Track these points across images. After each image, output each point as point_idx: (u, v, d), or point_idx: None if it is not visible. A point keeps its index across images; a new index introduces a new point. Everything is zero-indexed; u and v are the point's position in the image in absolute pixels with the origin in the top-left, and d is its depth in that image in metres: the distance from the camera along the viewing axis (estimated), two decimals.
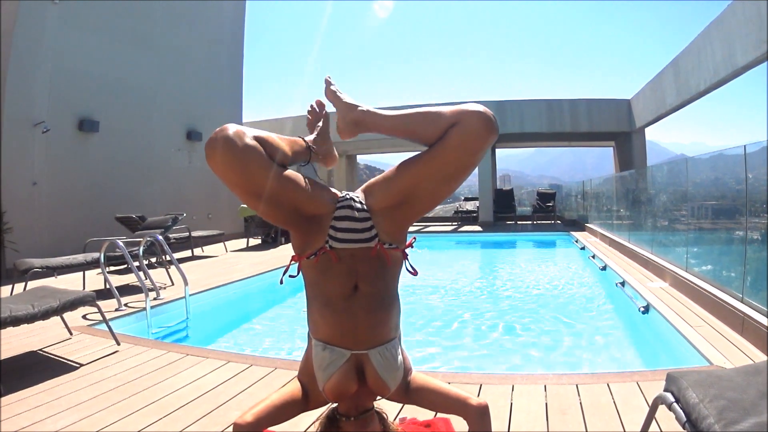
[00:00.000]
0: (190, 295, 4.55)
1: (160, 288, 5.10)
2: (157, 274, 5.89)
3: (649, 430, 1.62)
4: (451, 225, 14.75)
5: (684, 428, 1.29)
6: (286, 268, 1.25)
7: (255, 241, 10.54)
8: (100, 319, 3.44)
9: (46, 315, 2.87)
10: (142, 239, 5.28)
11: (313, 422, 1.39)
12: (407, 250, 1.28)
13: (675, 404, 1.37)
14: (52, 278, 5.82)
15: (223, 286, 5.60)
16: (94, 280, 5.64)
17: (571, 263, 8.27)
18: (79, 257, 5.31)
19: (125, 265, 6.36)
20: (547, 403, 2.26)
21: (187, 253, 8.38)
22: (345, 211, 1.19)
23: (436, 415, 1.95)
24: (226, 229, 10.56)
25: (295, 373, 1.39)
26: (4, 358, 3.08)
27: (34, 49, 7.43)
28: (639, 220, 7.47)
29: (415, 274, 1.27)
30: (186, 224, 8.48)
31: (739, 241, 4.14)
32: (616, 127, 13.81)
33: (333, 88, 1.37)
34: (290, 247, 1.27)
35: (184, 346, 3.47)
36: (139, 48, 9.50)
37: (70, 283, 5.25)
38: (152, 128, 9.90)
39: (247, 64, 12.95)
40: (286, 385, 1.35)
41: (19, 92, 7.20)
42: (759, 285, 3.43)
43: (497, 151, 18.49)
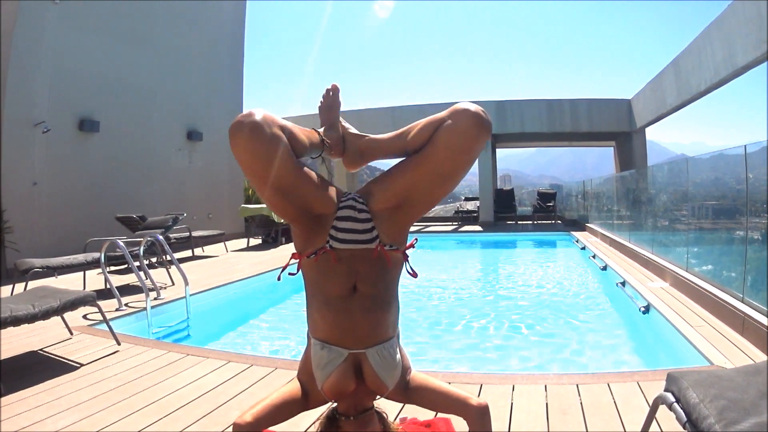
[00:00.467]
0: (191, 295, 4.55)
1: (161, 288, 5.10)
2: (158, 274, 5.90)
3: (650, 430, 1.62)
4: (452, 225, 14.75)
5: (684, 428, 1.29)
6: (285, 265, 1.24)
7: (255, 241, 10.54)
8: (101, 319, 3.44)
9: (46, 315, 2.87)
10: (142, 239, 5.29)
11: (313, 422, 1.39)
12: (408, 252, 1.27)
13: (675, 404, 1.37)
14: (53, 278, 5.83)
15: (223, 286, 5.60)
16: (95, 280, 5.64)
17: (572, 263, 8.27)
18: (80, 257, 5.31)
19: (126, 265, 6.36)
20: (547, 403, 2.26)
21: (188, 253, 8.38)
22: (347, 211, 1.19)
23: (437, 415, 1.95)
24: (227, 229, 10.55)
25: (295, 373, 1.39)
26: (5, 357, 3.08)
27: (34, 49, 7.43)
28: (639, 220, 7.47)
29: (415, 276, 1.27)
30: (186, 224, 8.48)
31: (740, 241, 4.13)
32: (617, 127, 13.81)
33: (342, 121, 1.39)
34: (290, 247, 1.26)
35: (185, 346, 3.47)
36: (140, 48, 9.50)
37: (70, 283, 5.24)
38: (152, 128, 9.90)
39: (248, 64, 12.95)
40: (286, 385, 1.35)
41: (19, 92, 7.20)
42: (759, 285, 3.43)
43: (498, 151, 18.49)
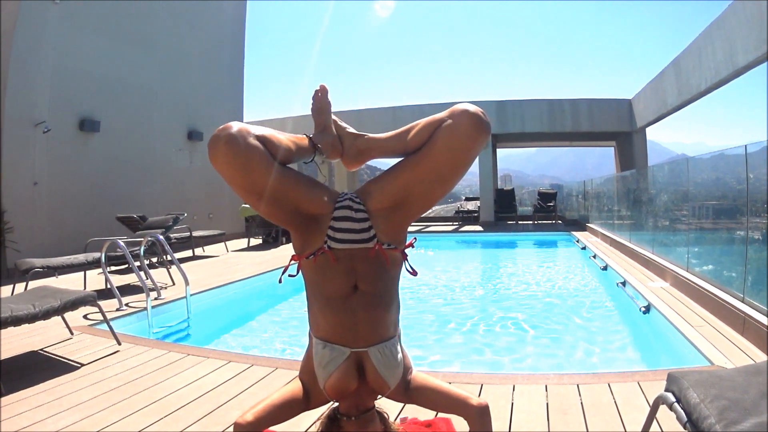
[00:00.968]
0: (191, 295, 4.55)
1: (161, 288, 5.10)
2: (158, 274, 5.90)
3: (650, 430, 1.62)
4: (452, 225, 14.74)
5: (685, 428, 1.29)
6: (286, 267, 1.25)
7: (256, 241, 10.55)
8: (101, 318, 3.44)
9: (47, 315, 2.87)
10: (143, 239, 5.29)
11: (314, 422, 1.39)
12: (407, 251, 1.27)
13: (676, 404, 1.37)
14: (53, 278, 5.83)
15: (224, 286, 5.60)
16: (95, 280, 5.64)
17: (572, 263, 8.27)
18: (80, 257, 5.31)
19: (126, 265, 6.37)
20: (548, 403, 2.26)
21: (188, 253, 8.39)
22: (344, 211, 1.19)
23: (437, 414, 1.95)
24: (227, 229, 10.56)
25: (296, 373, 1.39)
26: (5, 357, 3.08)
27: (34, 49, 7.44)
28: (640, 220, 7.46)
29: (415, 274, 1.27)
30: (187, 224, 8.49)
31: (740, 241, 4.13)
32: (617, 127, 13.81)
33: (335, 118, 1.38)
34: (291, 247, 1.27)
35: (185, 346, 3.47)
36: (140, 48, 9.51)
37: (71, 283, 5.25)
38: (153, 128, 9.91)
39: (248, 64, 12.95)
40: (287, 385, 1.35)
41: (19, 92, 7.21)
42: (760, 285, 3.42)
43: (498, 150, 18.49)
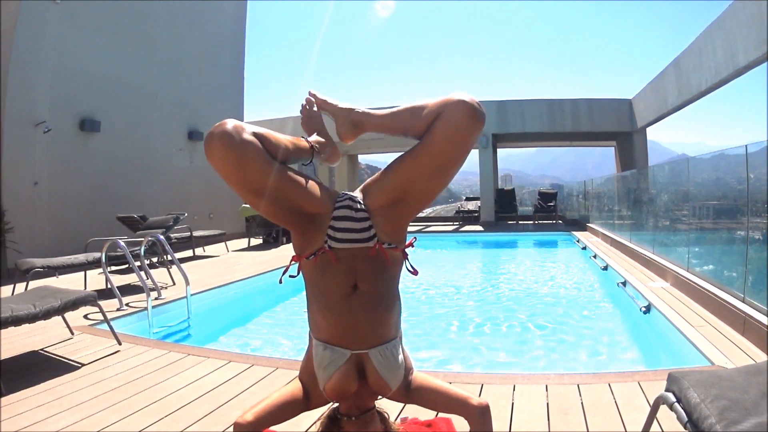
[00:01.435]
0: (192, 295, 4.55)
1: (162, 288, 5.10)
2: (159, 274, 5.90)
3: (651, 430, 1.62)
4: (453, 225, 14.74)
5: (685, 428, 1.29)
6: (286, 267, 1.25)
7: (256, 241, 10.55)
8: (102, 318, 3.44)
9: (47, 315, 2.87)
10: (143, 239, 5.29)
11: (314, 422, 1.39)
12: (407, 250, 1.27)
13: (676, 404, 1.37)
14: (54, 278, 5.83)
15: (224, 285, 5.61)
16: (96, 280, 5.64)
17: (573, 263, 8.26)
18: (81, 257, 5.31)
19: (126, 265, 6.37)
20: (548, 403, 2.26)
21: (189, 253, 8.39)
22: (344, 211, 1.19)
23: (437, 414, 1.95)
24: (228, 229, 10.56)
25: (297, 372, 1.39)
26: (6, 357, 3.08)
27: (35, 49, 7.44)
28: (640, 220, 7.46)
29: (416, 274, 1.27)
30: (187, 224, 8.49)
31: (741, 240, 4.13)
32: (618, 127, 13.80)
33: (321, 98, 1.37)
34: (291, 247, 1.27)
35: (186, 346, 3.48)
36: (141, 48, 9.51)
37: (71, 283, 5.25)
38: (153, 128, 9.91)
39: (249, 64, 12.95)
40: (287, 385, 1.35)
41: (20, 92, 7.21)
42: (760, 285, 3.42)
43: (499, 150, 18.48)
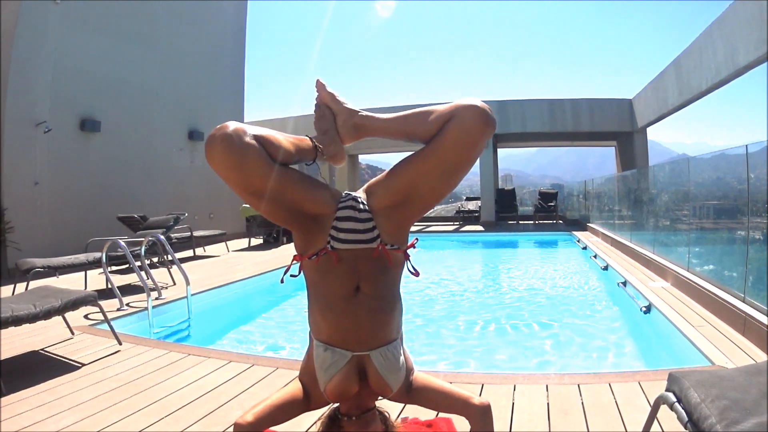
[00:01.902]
0: (192, 295, 4.56)
1: (162, 288, 5.10)
2: (159, 274, 5.90)
3: (651, 430, 1.62)
4: (453, 225, 14.75)
5: (686, 428, 1.29)
6: (288, 267, 1.24)
7: (257, 241, 10.55)
8: (102, 318, 3.44)
9: (47, 315, 2.88)
10: (143, 239, 5.29)
11: (315, 422, 1.39)
12: (409, 251, 1.27)
13: (677, 404, 1.37)
14: (54, 278, 5.84)
15: (224, 285, 5.61)
16: (96, 280, 5.65)
17: (573, 263, 8.26)
18: (81, 257, 5.32)
19: (127, 265, 6.38)
20: (548, 403, 2.26)
21: (189, 253, 8.39)
22: (347, 211, 1.19)
23: (438, 414, 1.95)
24: (228, 229, 10.56)
25: (297, 373, 1.39)
26: (6, 357, 3.09)
27: (35, 49, 7.45)
28: (641, 220, 7.46)
29: (417, 275, 1.26)
30: (188, 224, 8.49)
31: (741, 240, 4.13)
32: (618, 127, 13.80)
33: (330, 90, 1.32)
34: (292, 247, 1.26)
35: (186, 346, 3.48)
36: (141, 48, 9.52)
37: (71, 283, 5.25)
38: (154, 128, 9.92)
39: (249, 64, 12.97)
40: (287, 386, 1.34)
41: (20, 92, 7.22)
42: (761, 285, 3.42)
43: (499, 150, 18.47)
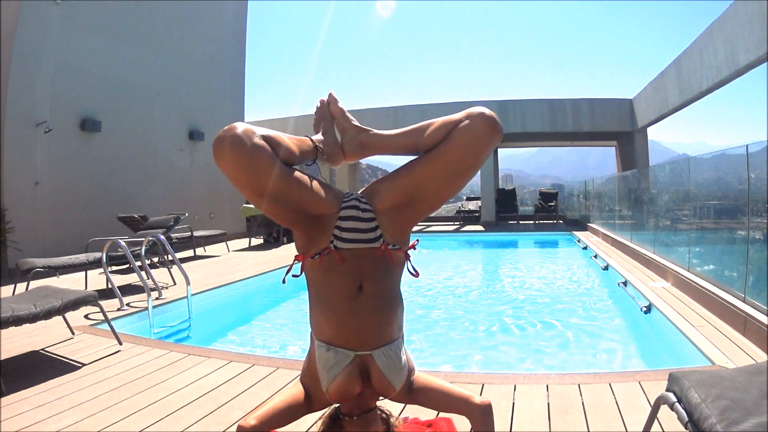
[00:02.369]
0: (192, 295, 4.56)
1: (162, 288, 5.11)
2: (159, 274, 5.91)
3: (651, 430, 1.62)
4: (454, 225, 14.74)
5: (686, 428, 1.29)
6: (289, 267, 1.24)
7: (257, 241, 10.55)
8: (103, 318, 3.44)
9: (48, 314, 2.88)
10: (144, 239, 5.30)
11: (315, 421, 1.39)
12: (409, 252, 1.27)
13: (677, 404, 1.37)
14: (54, 278, 5.85)
15: (225, 285, 5.61)
16: (96, 280, 5.65)
17: (574, 263, 8.26)
18: (81, 257, 5.32)
19: (127, 265, 6.38)
20: (549, 403, 2.26)
21: (189, 253, 8.39)
22: (350, 211, 1.19)
23: (438, 414, 1.95)
24: (229, 229, 10.57)
25: (298, 372, 1.39)
26: (7, 357, 3.09)
27: (36, 49, 7.45)
28: (641, 220, 7.46)
29: (417, 275, 1.26)
30: (188, 224, 8.50)
31: (742, 240, 4.12)
32: (619, 127, 13.78)
33: (341, 106, 1.33)
34: (292, 247, 1.26)
35: (186, 346, 3.48)
36: (141, 48, 9.52)
37: (72, 283, 5.26)
38: (154, 128, 9.92)
39: (250, 64, 12.96)
40: (289, 388, 1.35)
41: (21, 92, 7.22)
42: (761, 285, 3.42)
43: (499, 150, 18.47)
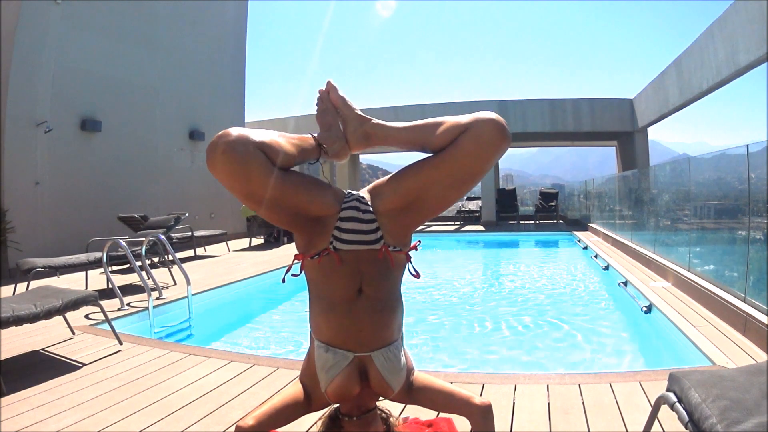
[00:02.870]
0: (193, 295, 4.56)
1: (163, 288, 5.11)
2: (160, 274, 5.91)
3: (652, 430, 1.61)
4: (454, 225, 14.75)
5: (686, 428, 1.29)
6: (289, 266, 1.23)
7: (257, 241, 10.56)
8: (103, 318, 3.44)
9: (48, 314, 2.88)
10: (144, 239, 5.30)
11: (315, 422, 1.39)
12: (410, 253, 1.26)
13: (677, 404, 1.37)
14: (55, 278, 5.84)
15: (225, 285, 5.61)
16: (97, 280, 5.65)
17: (574, 263, 8.26)
18: (82, 257, 5.32)
19: (128, 265, 6.38)
20: (549, 403, 2.26)
21: (190, 253, 8.39)
22: (350, 211, 1.18)
23: (438, 414, 1.95)
24: (229, 229, 10.57)
25: (298, 373, 1.39)
26: (7, 357, 3.09)
27: (36, 49, 7.45)
28: (641, 220, 7.45)
29: (418, 276, 1.25)
30: (188, 224, 8.50)
31: (742, 240, 4.12)
32: (619, 127, 13.78)
33: (341, 94, 1.25)
34: (293, 247, 1.26)
35: (187, 346, 3.48)
36: (142, 48, 9.52)
37: (72, 283, 5.26)
38: (155, 128, 9.92)
39: (250, 64, 12.97)
40: (288, 388, 1.34)
41: (21, 92, 7.22)
42: (761, 285, 3.42)
43: None
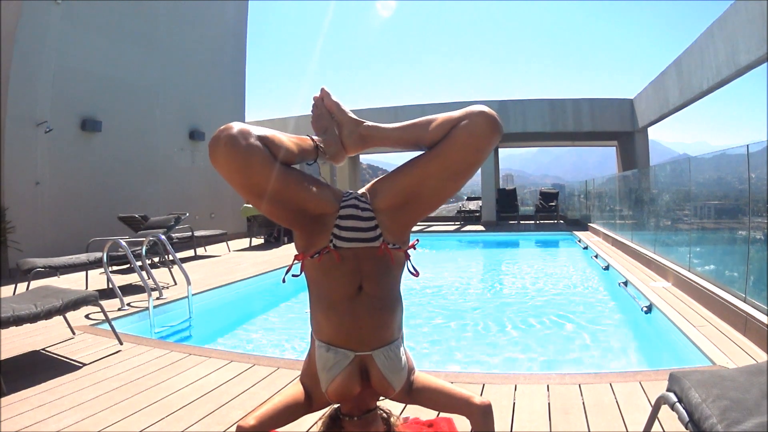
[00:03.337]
0: (193, 295, 4.56)
1: (163, 288, 5.11)
2: (160, 274, 5.91)
3: (652, 430, 1.61)
4: (454, 225, 14.74)
5: (687, 428, 1.29)
6: (289, 266, 1.24)
7: (258, 241, 10.56)
8: (103, 318, 3.44)
9: (48, 314, 2.88)
10: (144, 239, 5.30)
11: (316, 422, 1.39)
12: (409, 251, 1.27)
13: (678, 404, 1.36)
14: (55, 278, 5.84)
15: (225, 285, 5.61)
16: (97, 280, 5.65)
17: (574, 263, 8.26)
18: (82, 257, 5.32)
19: (128, 265, 6.38)
20: (549, 403, 2.26)
21: (190, 253, 8.39)
22: (350, 210, 1.19)
23: (438, 414, 1.95)
24: (229, 229, 10.57)
25: (298, 372, 1.39)
26: (7, 357, 3.09)
27: (36, 49, 7.45)
28: (642, 220, 7.45)
29: (417, 275, 1.26)
30: (189, 224, 8.50)
31: (742, 240, 4.12)
32: (619, 127, 13.77)
33: (335, 99, 1.29)
34: (293, 247, 1.26)
35: (187, 346, 3.48)
36: (142, 48, 9.52)
37: (72, 283, 5.26)
38: (155, 128, 9.92)
39: (250, 64, 12.96)
40: (289, 388, 1.34)
41: (21, 92, 7.22)
42: (762, 285, 3.41)
43: (500, 150, 18.46)
